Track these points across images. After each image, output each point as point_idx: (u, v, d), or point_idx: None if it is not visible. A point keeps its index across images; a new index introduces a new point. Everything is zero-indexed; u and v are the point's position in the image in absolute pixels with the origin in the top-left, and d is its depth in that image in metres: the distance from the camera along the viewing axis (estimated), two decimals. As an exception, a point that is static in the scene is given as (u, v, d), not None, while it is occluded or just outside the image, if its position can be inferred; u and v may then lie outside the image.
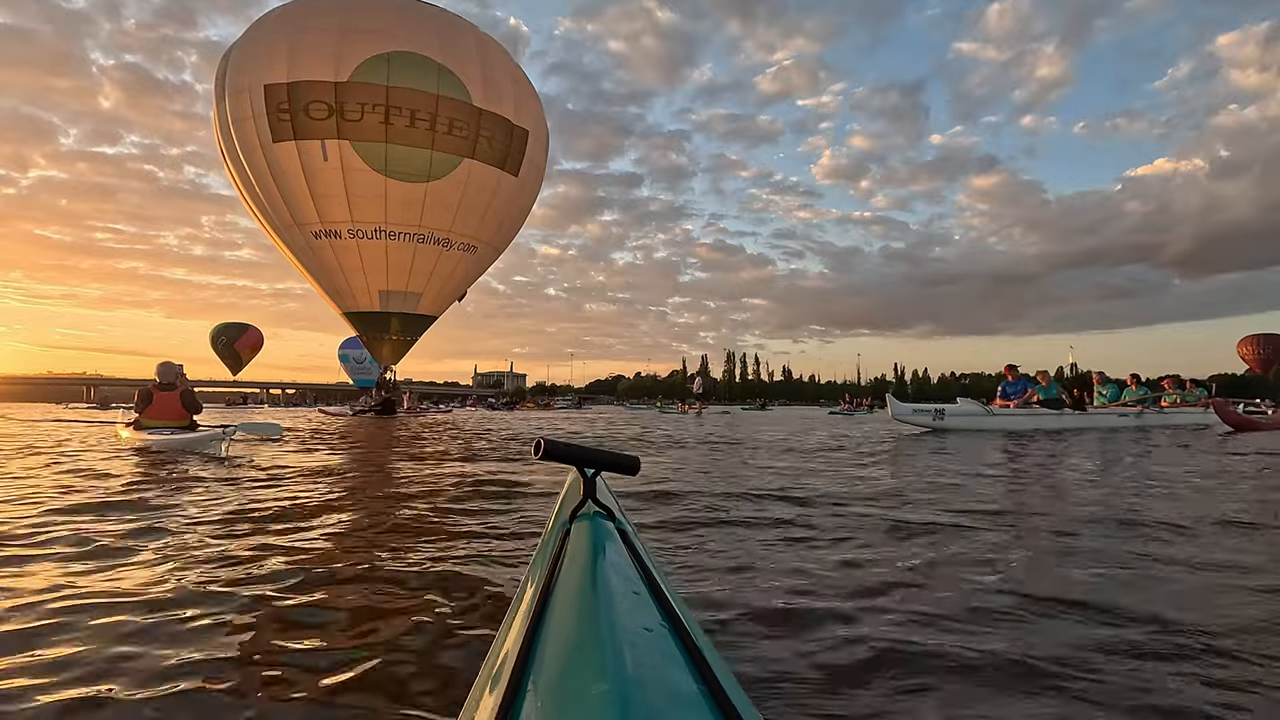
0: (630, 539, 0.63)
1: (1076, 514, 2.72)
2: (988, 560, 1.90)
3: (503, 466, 4.67)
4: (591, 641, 0.38)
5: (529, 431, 7.31)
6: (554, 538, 0.66)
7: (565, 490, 0.91)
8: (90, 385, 65.51)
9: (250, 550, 2.03)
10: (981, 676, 1.10)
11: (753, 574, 1.77)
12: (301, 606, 1.49)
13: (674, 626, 0.43)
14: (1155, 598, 1.54)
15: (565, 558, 0.57)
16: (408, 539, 2.22)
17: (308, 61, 17.14)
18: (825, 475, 4.15)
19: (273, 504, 2.93)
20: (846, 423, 15.21)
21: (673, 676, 0.36)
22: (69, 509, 2.80)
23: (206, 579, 1.72)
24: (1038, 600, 1.50)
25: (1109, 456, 5.43)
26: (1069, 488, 3.57)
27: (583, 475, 0.73)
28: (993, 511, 2.72)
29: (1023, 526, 2.44)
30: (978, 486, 3.53)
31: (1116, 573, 1.77)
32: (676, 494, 3.21)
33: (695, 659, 0.38)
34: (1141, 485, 3.57)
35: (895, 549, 2.06)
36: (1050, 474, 4.24)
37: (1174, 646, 1.24)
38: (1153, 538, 2.21)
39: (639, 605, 0.45)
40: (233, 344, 54.70)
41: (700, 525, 2.46)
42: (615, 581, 0.49)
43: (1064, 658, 1.18)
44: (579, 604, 0.45)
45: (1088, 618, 1.40)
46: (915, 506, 2.90)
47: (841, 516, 2.64)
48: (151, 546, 2.09)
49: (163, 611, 1.45)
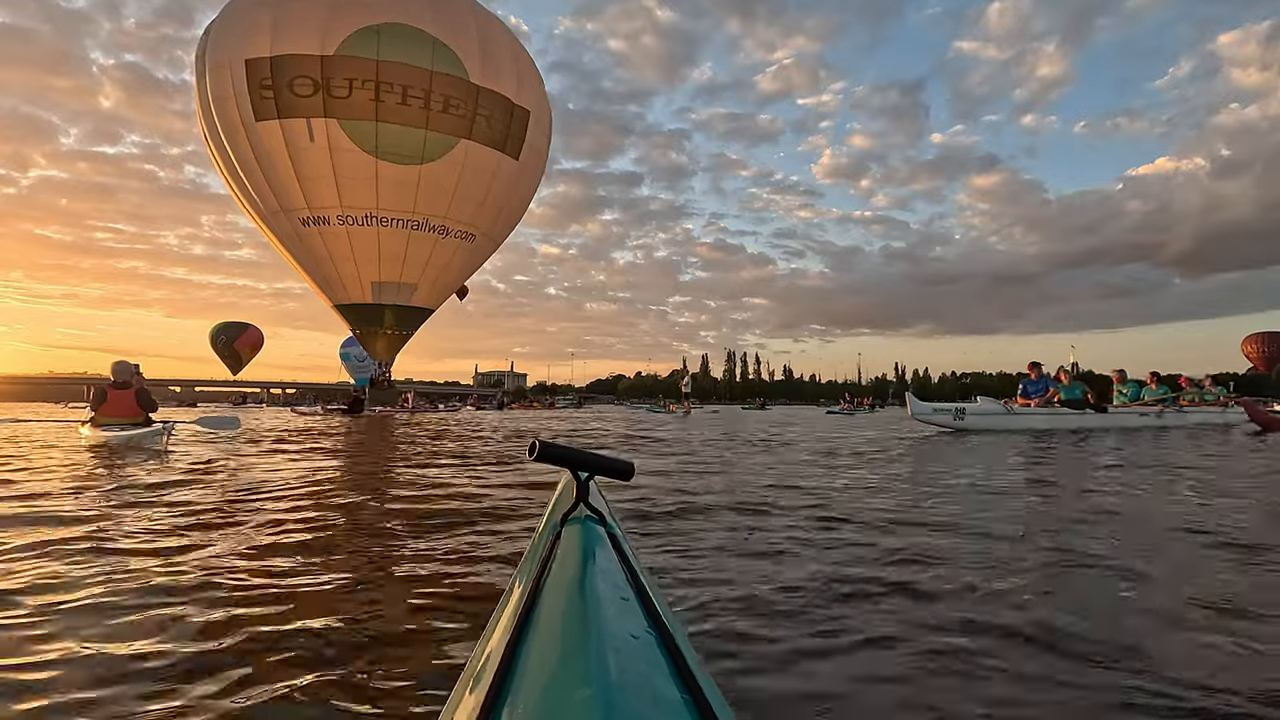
0: (621, 544, 0.63)
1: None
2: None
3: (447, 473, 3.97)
4: (576, 646, 0.38)
5: (506, 447, 6.26)
6: (544, 540, 0.67)
7: (558, 493, 0.93)
8: (91, 385, 64.94)
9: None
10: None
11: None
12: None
13: (660, 634, 0.43)
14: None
15: (554, 561, 0.57)
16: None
17: (292, 34, 15.95)
18: (877, 489, 3.23)
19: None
20: (849, 423, 13.78)
21: (656, 684, 0.36)
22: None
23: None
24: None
25: (1169, 459, 4.79)
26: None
27: (576, 479, 0.72)
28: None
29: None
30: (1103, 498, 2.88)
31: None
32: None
33: (680, 667, 0.39)
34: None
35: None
36: (1131, 485, 3.41)
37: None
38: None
39: (626, 611, 0.46)
40: (232, 343, 54.24)
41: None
42: (603, 586, 0.49)
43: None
44: (566, 608, 0.46)
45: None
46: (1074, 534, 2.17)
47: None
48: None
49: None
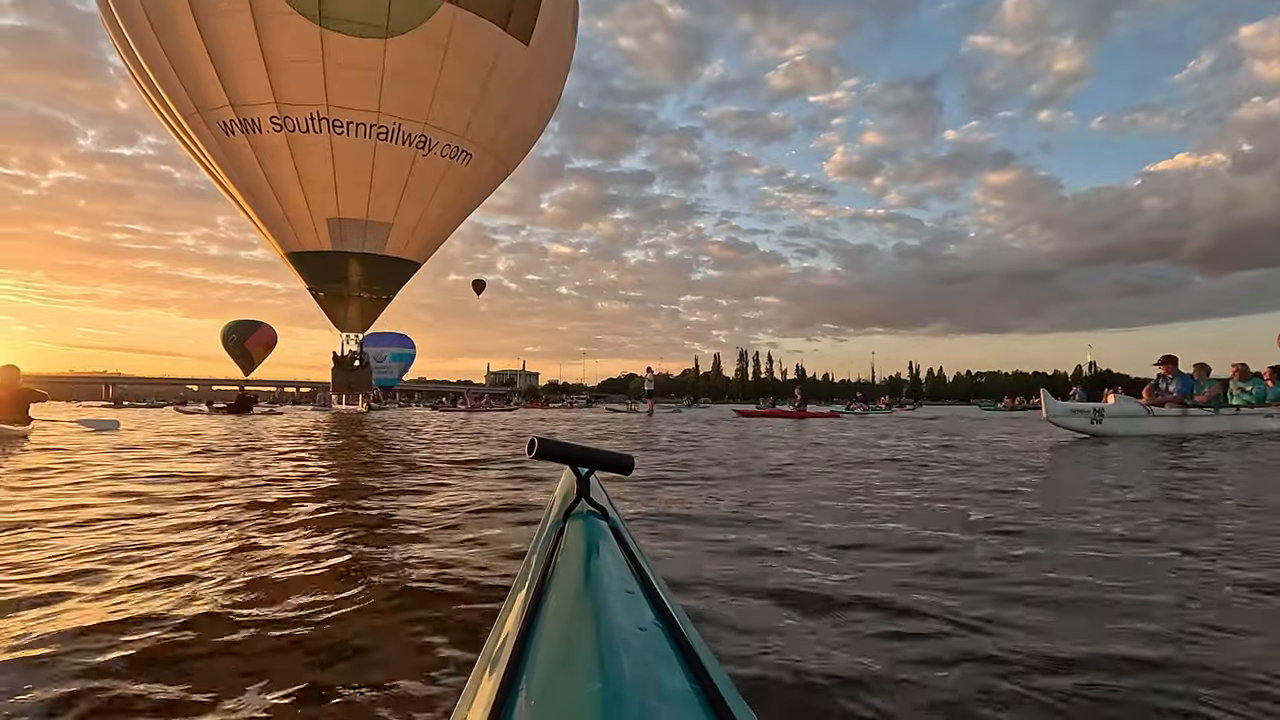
0: (624, 538, 0.63)
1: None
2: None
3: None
4: (585, 640, 0.38)
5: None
6: (548, 536, 0.66)
7: (559, 489, 0.90)
8: (109, 384, 65.87)
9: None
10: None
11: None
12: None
13: (668, 626, 0.43)
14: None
15: (559, 556, 0.57)
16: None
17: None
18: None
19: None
20: (883, 424, 11.01)
21: (666, 676, 0.36)
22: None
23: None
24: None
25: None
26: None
27: (576, 474, 0.72)
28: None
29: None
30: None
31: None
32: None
33: (689, 659, 0.38)
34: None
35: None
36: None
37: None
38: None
39: (633, 604, 0.45)
40: (243, 342, 51.36)
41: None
42: (609, 580, 0.49)
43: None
44: (573, 603, 0.46)
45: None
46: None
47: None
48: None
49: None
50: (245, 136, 12.08)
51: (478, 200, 14.98)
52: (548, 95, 14.66)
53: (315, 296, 14.63)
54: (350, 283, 14.09)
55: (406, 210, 13.44)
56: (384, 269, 14.22)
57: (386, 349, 46.58)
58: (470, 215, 15.60)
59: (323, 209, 13.02)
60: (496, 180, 14.92)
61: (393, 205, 13.25)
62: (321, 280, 14.06)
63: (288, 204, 12.87)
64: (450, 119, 12.76)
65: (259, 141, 12.12)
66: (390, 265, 14.25)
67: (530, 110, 14.20)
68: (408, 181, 13.03)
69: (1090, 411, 7.19)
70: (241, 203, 13.22)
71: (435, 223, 14.26)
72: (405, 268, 14.66)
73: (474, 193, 14.47)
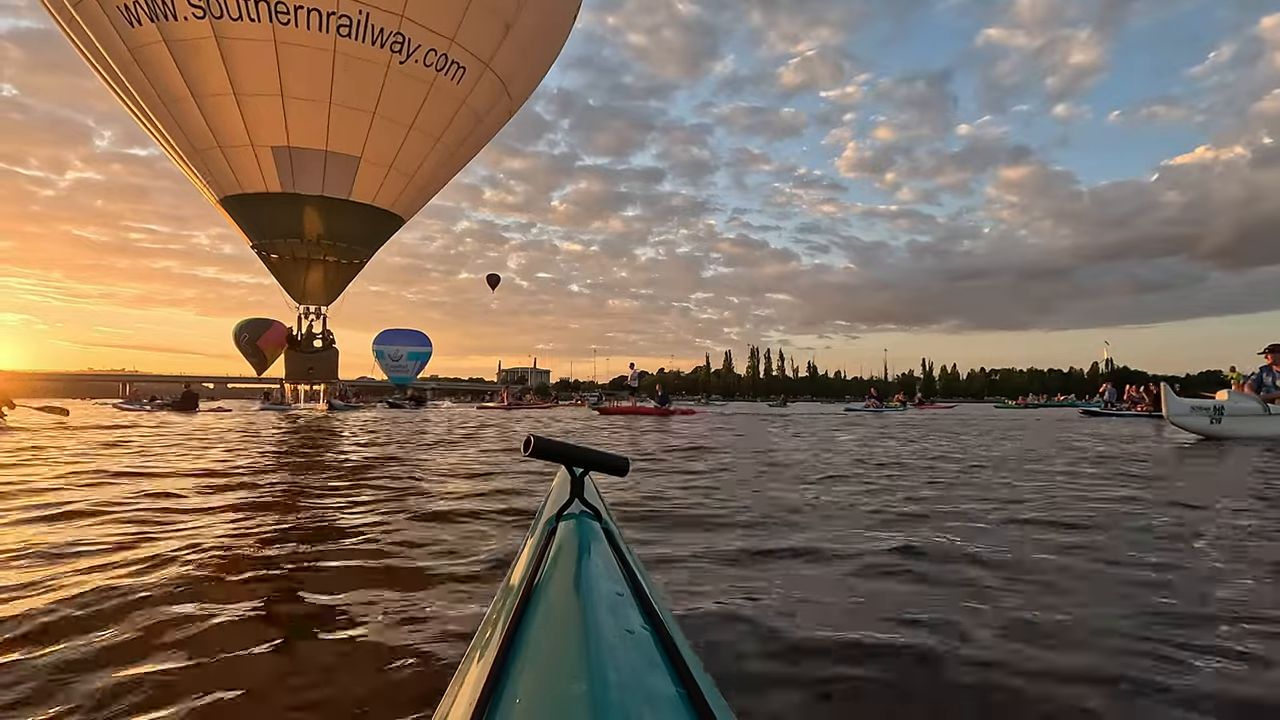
0: (616, 540, 0.62)
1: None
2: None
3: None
4: (572, 642, 0.38)
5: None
6: (540, 536, 0.66)
7: (553, 488, 0.90)
8: (126, 381, 65.68)
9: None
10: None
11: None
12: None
13: (655, 629, 0.43)
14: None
15: (550, 556, 0.56)
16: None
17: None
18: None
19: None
20: (912, 428, 9.51)
21: (651, 679, 0.36)
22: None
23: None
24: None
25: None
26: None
27: (571, 474, 0.72)
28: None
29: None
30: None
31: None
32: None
33: (675, 662, 0.38)
34: None
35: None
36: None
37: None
38: None
39: (621, 606, 0.45)
40: (255, 341, 49.49)
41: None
42: (599, 582, 0.48)
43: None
44: (561, 603, 0.45)
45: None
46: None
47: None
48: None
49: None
50: (155, 24, 8.80)
51: (475, 134, 11.47)
52: (562, 4, 11.12)
53: (264, 258, 11.24)
54: (307, 239, 10.70)
55: (379, 138, 10.00)
56: (353, 221, 10.79)
57: (404, 347, 43.85)
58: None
59: (266, 133, 9.65)
60: (498, 112, 11.40)
61: (360, 131, 9.83)
62: (268, 234, 10.68)
63: (219, 126, 9.54)
64: (434, 13, 9.32)
65: (174, 33, 8.82)
66: (360, 216, 10.82)
67: (544, 12, 10.69)
68: (380, 97, 9.60)
69: (1210, 410, 6.88)
70: (157, 124, 9.93)
71: (418, 160, 10.80)
72: (381, 221, 11.22)
73: (469, 121, 10.94)
